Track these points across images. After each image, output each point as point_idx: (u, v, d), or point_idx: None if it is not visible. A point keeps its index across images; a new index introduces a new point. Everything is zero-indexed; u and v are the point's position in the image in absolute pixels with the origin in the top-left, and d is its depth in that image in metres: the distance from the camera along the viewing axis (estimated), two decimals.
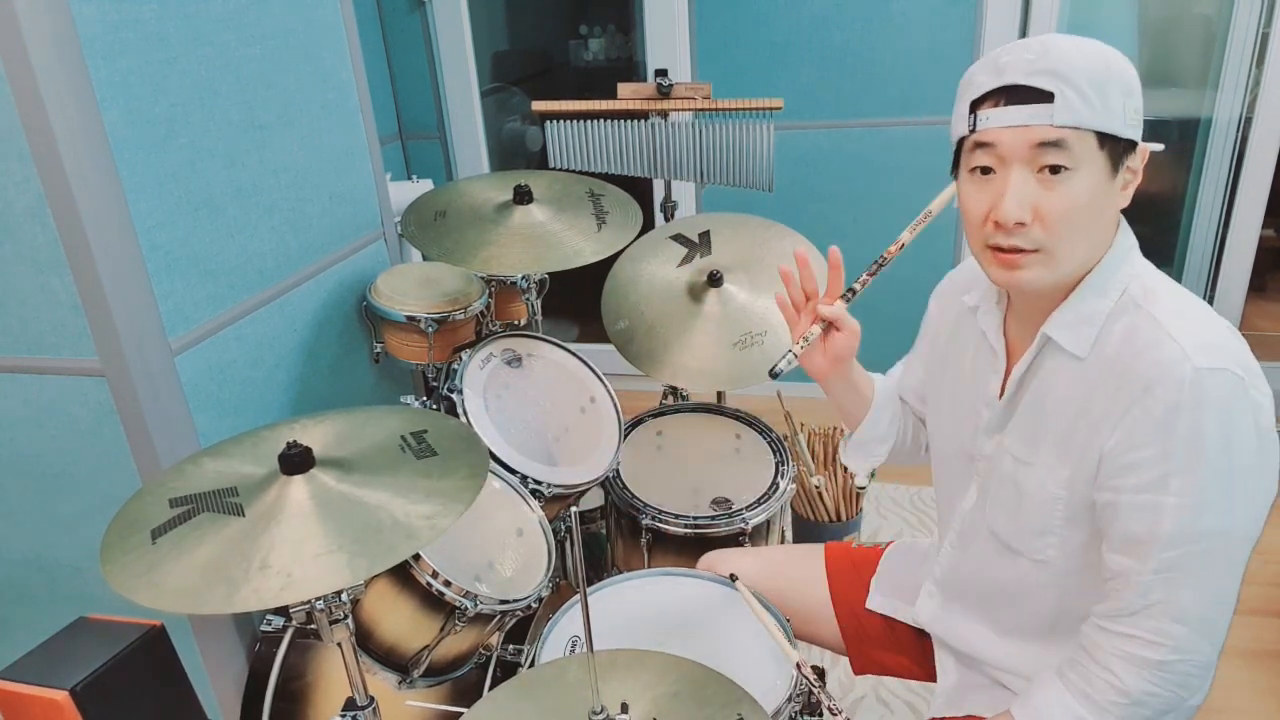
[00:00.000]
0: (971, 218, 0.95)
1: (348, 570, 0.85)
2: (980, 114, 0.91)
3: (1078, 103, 0.85)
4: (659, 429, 1.87)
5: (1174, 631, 0.90)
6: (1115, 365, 0.91)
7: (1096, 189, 0.89)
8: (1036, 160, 0.88)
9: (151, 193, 1.32)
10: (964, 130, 0.93)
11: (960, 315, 1.15)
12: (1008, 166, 0.90)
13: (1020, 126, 0.88)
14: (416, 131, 3.17)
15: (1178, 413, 0.85)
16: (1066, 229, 0.89)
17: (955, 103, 0.95)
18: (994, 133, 0.89)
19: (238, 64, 1.49)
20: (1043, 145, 0.87)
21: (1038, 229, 0.90)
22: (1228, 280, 2.82)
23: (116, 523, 0.96)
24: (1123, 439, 0.90)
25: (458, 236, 1.62)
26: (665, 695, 0.92)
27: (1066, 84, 0.85)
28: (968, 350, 1.13)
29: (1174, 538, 0.87)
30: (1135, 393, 0.88)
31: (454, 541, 1.36)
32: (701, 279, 1.79)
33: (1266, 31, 2.54)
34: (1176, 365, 0.86)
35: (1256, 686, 1.87)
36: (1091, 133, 0.87)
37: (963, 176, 0.96)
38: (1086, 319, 0.94)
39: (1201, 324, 0.90)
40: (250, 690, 1.38)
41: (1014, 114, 0.88)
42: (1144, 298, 0.93)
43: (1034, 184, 0.89)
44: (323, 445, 1.02)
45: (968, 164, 0.95)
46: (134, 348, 1.29)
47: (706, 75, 2.87)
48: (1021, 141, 0.88)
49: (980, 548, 1.11)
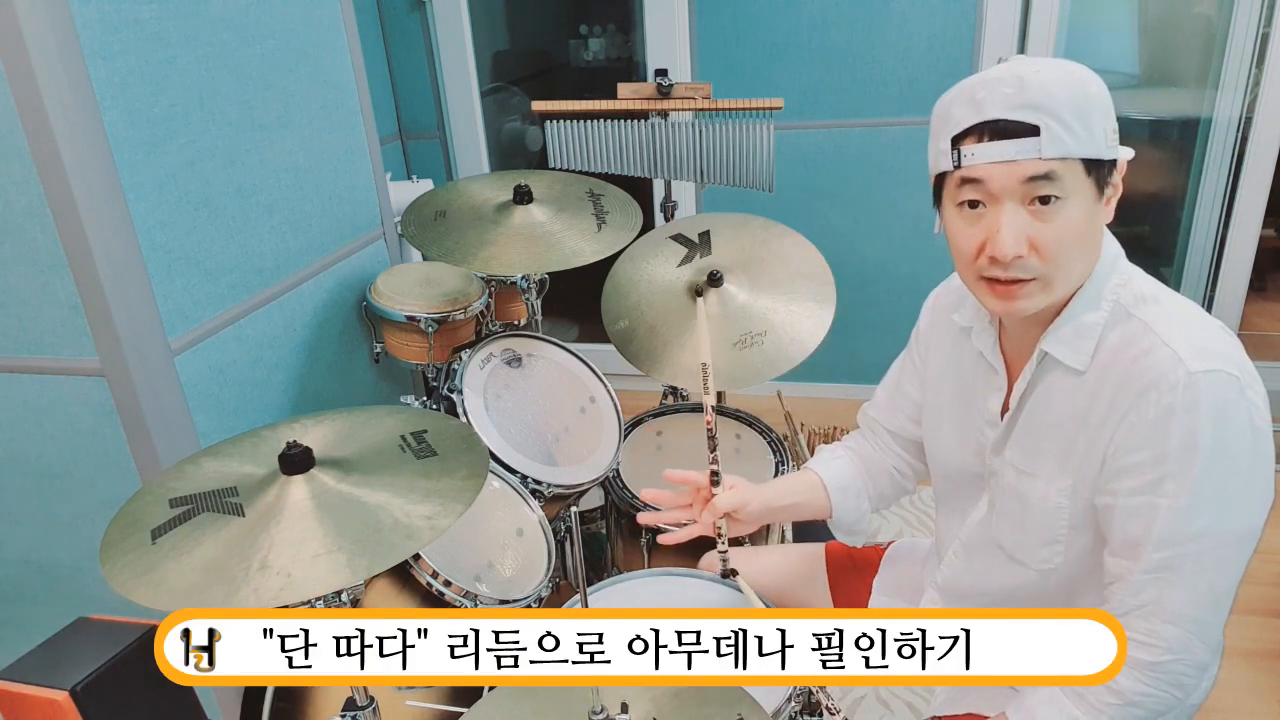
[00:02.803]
0: (963, 253, 0.94)
1: (347, 570, 0.85)
2: (964, 149, 0.89)
3: (1063, 134, 0.85)
4: (659, 429, 1.86)
5: (1166, 632, 0.90)
6: (1111, 373, 0.92)
7: (1087, 213, 0.89)
8: (1028, 193, 0.88)
9: (151, 193, 1.32)
10: (947, 166, 0.92)
11: (952, 334, 1.14)
12: (998, 202, 0.89)
13: (1008, 162, 0.87)
14: (416, 131, 3.17)
15: (1172, 416, 0.86)
16: (1063, 256, 0.90)
17: (931, 137, 0.94)
18: (982, 169, 0.88)
19: (238, 64, 1.49)
20: (1033, 179, 0.87)
21: (1034, 259, 0.89)
22: (1228, 280, 2.82)
23: (116, 523, 0.96)
24: (1120, 443, 0.90)
25: (458, 236, 1.61)
26: (665, 695, 0.92)
27: (1050, 116, 0.85)
28: (964, 370, 1.12)
29: (1166, 539, 0.88)
30: (1131, 398, 0.89)
31: (454, 541, 1.36)
32: (701, 279, 1.79)
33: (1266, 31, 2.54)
34: (1170, 370, 0.86)
35: (1256, 686, 1.87)
36: (1078, 161, 0.87)
37: (949, 210, 0.95)
38: (1083, 333, 0.94)
39: (1194, 327, 0.90)
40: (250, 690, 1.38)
41: (1000, 149, 0.87)
42: (1135, 305, 0.93)
43: (1026, 216, 0.89)
44: (323, 445, 1.01)
45: (954, 199, 0.93)
46: (134, 348, 1.29)
47: (706, 75, 2.87)
48: (1011, 176, 0.87)
49: (986, 560, 1.11)
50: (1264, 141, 2.62)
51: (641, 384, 1.98)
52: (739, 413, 1.86)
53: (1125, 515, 0.91)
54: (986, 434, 1.08)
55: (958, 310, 1.12)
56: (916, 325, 1.24)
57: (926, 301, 1.23)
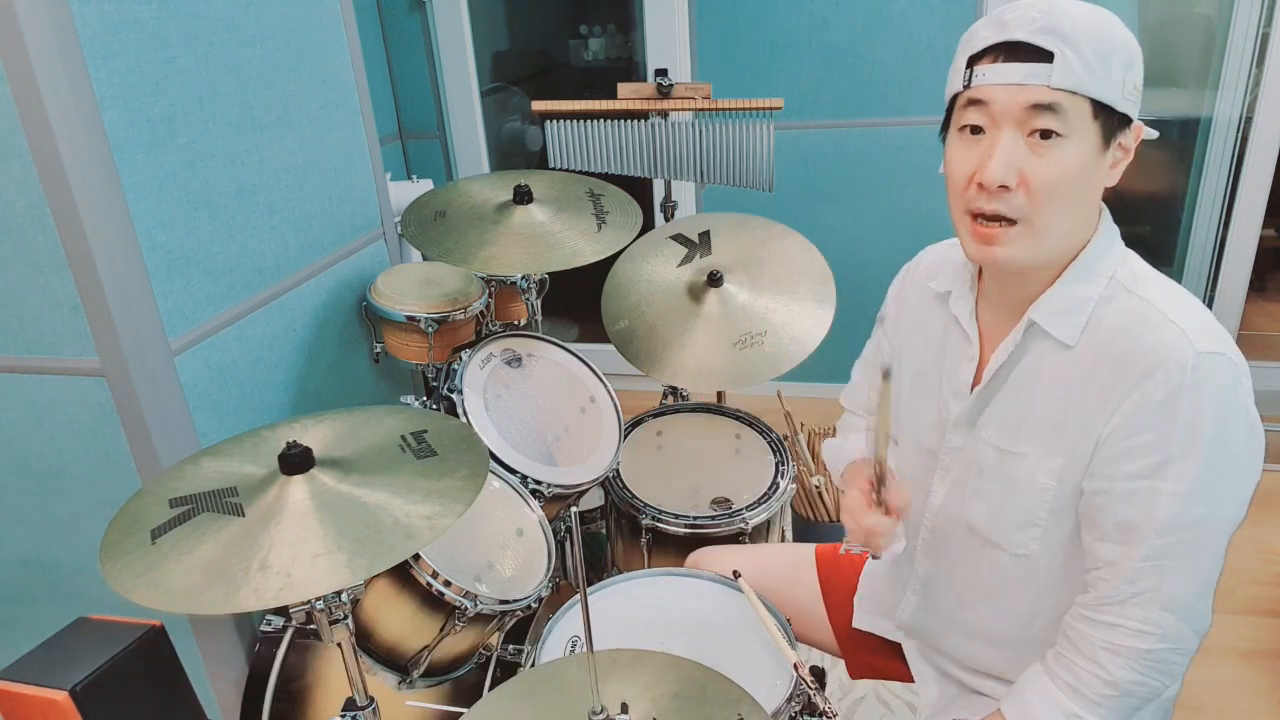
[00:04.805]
0: (955, 179, 0.92)
1: (347, 570, 0.85)
2: (977, 70, 0.88)
3: (1077, 66, 0.83)
4: (659, 429, 1.87)
5: (1162, 620, 0.89)
6: (1110, 350, 0.89)
7: (1086, 161, 0.87)
8: (1028, 123, 0.86)
9: (151, 193, 1.32)
10: (958, 86, 0.90)
11: (923, 304, 1.11)
12: (998, 127, 0.87)
13: (1015, 85, 0.85)
14: (416, 131, 3.17)
15: (1179, 396, 0.84)
16: (1051, 199, 0.87)
17: (955, 57, 0.92)
18: (988, 90, 0.87)
19: (238, 64, 1.49)
20: (1036, 107, 0.85)
21: (1021, 196, 0.87)
22: (1228, 280, 2.82)
23: (116, 523, 0.96)
24: (1121, 425, 0.88)
25: (458, 236, 1.62)
26: (665, 695, 0.92)
27: (1068, 45, 0.83)
28: (932, 339, 1.09)
29: (1168, 525, 0.87)
30: (1135, 377, 0.87)
31: (454, 541, 1.36)
32: (701, 279, 1.79)
33: (1266, 31, 2.54)
34: (1178, 348, 0.84)
35: (1256, 686, 1.87)
36: (1087, 100, 0.85)
37: (951, 136, 0.93)
38: (1075, 305, 0.92)
39: (1194, 308, 0.89)
40: (250, 690, 1.38)
41: (1011, 71, 0.85)
42: (1133, 283, 0.91)
43: (1023, 148, 0.86)
44: (322, 445, 1.02)
45: (958, 122, 0.92)
46: (134, 348, 1.29)
47: (706, 75, 2.87)
48: (1015, 101, 0.85)
49: (957, 545, 1.09)
50: (1264, 141, 2.62)
51: (641, 384, 1.98)
52: (739, 413, 1.86)
53: (1122, 499, 0.89)
54: (951, 406, 1.04)
55: (934, 277, 1.09)
56: (888, 295, 1.21)
57: (900, 271, 1.20)
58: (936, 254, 1.14)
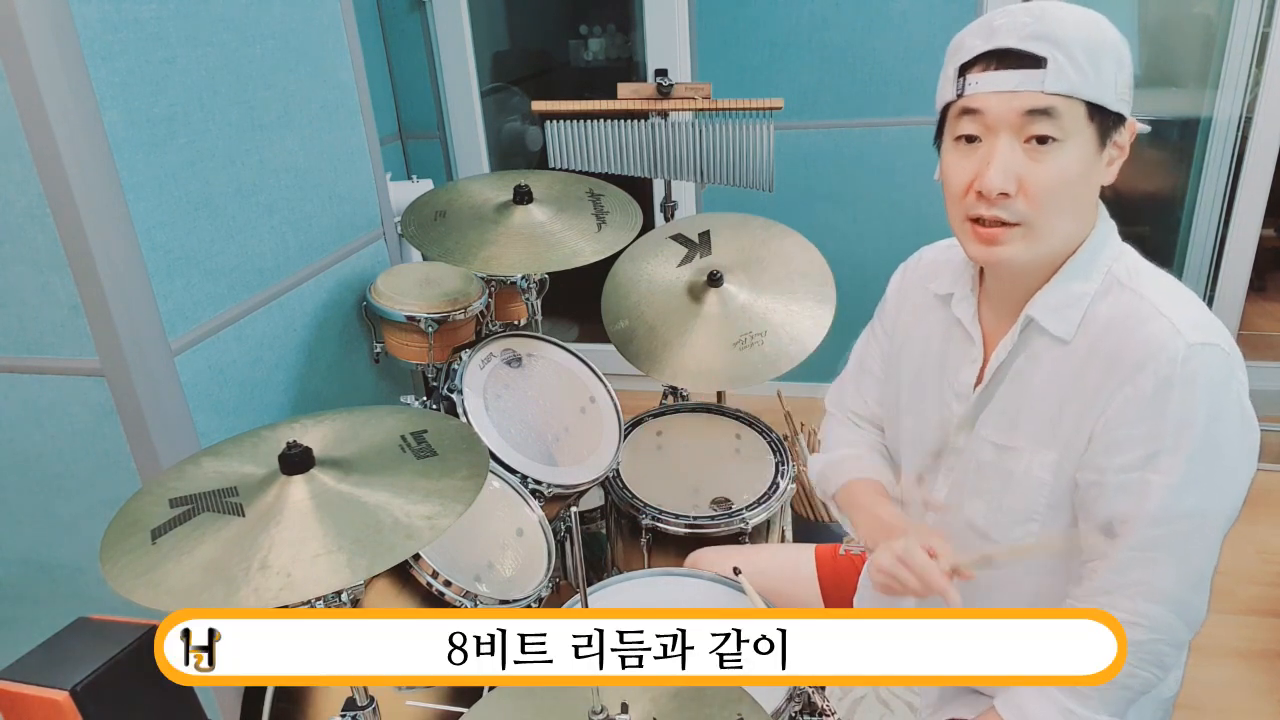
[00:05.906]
0: (953, 188, 0.92)
1: (347, 570, 0.85)
2: (969, 78, 0.88)
3: (1070, 70, 0.83)
4: (659, 429, 1.87)
5: (1151, 611, 0.89)
6: (1104, 344, 0.90)
7: (1084, 162, 0.87)
8: (1024, 129, 0.86)
9: (151, 193, 1.32)
10: (950, 95, 0.90)
11: (923, 307, 1.11)
12: (994, 135, 0.87)
13: (1009, 92, 0.85)
14: (416, 131, 3.17)
15: (1170, 389, 0.84)
16: (1051, 203, 0.87)
17: (944, 67, 0.92)
18: (981, 98, 0.87)
19: (238, 64, 1.49)
20: (1032, 113, 0.85)
21: (1021, 201, 0.87)
22: (1228, 280, 2.82)
23: (116, 523, 0.96)
24: (1113, 417, 0.88)
25: (458, 236, 1.62)
26: (665, 695, 0.92)
27: (1060, 50, 0.83)
28: (933, 342, 1.09)
29: (1158, 516, 0.87)
30: (1127, 370, 0.87)
31: (454, 541, 1.36)
32: (701, 279, 1.79)
33: (1266, 31, 2.54)
34: (1169, 341, 0.85)
35: (1256, 686, 1.87)
36: (1082, 102, 0.85)
37: (946, 145, 0.93)
38: (1071, 301, 0.92)
39: (1188, 301, 0.89)
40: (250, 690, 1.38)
41: (1004, 79, 0.85)
42: (1129, 277, 0.91)
43: (1020, 154, 0.86)
44: (323, 445, 1.01)
45: (952, 131, 0.91)
46: (134, 348, 1.29)
47: (706, 75, 2.87)
48: (1010, 108, 0.85)
49: (957, 543, 1.07)
50: (1264, 141, 2.62)
51: (641, 384, 1.98)
52: (739, 413, 1.86)
53: (1115, 492, 0.89)
54: (953, 408, 1.05)
55: (934, 279, 1.09)
56: (884, 296, 1.20)
57: (895, 272, 1.20)
58: (935, 254, 1.14)
